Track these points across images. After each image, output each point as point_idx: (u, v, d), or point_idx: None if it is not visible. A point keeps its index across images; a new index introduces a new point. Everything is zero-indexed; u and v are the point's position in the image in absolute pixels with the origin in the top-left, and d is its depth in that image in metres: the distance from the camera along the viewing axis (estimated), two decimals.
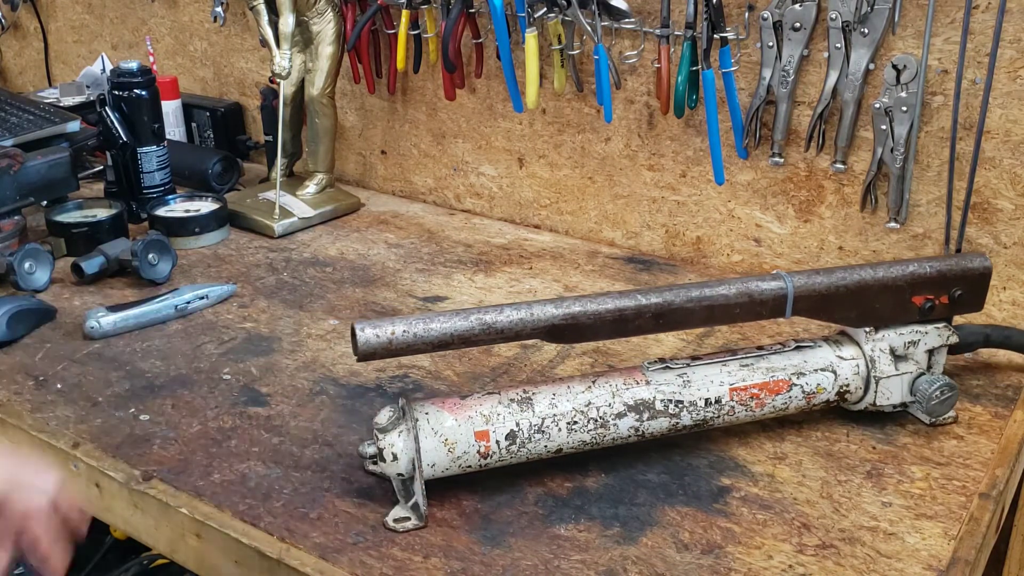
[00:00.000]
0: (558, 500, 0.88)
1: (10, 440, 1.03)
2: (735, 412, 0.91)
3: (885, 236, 1.24)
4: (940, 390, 0.94)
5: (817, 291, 0.91)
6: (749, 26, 1.23)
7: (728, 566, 0.80)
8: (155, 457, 0.95)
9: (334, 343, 1.16)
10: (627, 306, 0.86)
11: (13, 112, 1.61)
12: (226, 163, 1.65)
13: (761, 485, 0.90)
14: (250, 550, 0.83)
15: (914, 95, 1.14)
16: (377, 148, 1.69)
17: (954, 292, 0.95)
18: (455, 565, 0.80)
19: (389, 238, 1.49)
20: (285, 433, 0.98)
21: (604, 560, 0.81)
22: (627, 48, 1.33)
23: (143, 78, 1.48)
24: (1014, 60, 1.09)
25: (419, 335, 0.80)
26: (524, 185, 1.53)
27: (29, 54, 2.22)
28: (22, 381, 1.08)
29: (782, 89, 1.22)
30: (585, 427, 0.87)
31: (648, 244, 1.43)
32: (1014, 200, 1.14)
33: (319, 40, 1.50)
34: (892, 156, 1.17)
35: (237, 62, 1.81)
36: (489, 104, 1.51)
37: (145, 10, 1.91)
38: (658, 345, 1.15)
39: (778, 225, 1.31)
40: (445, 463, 0.84)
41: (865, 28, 1.14)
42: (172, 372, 1.10)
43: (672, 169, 1.37)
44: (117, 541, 1.69)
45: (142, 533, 0.93)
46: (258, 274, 1.36)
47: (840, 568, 0.80)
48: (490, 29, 1.41)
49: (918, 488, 0.89)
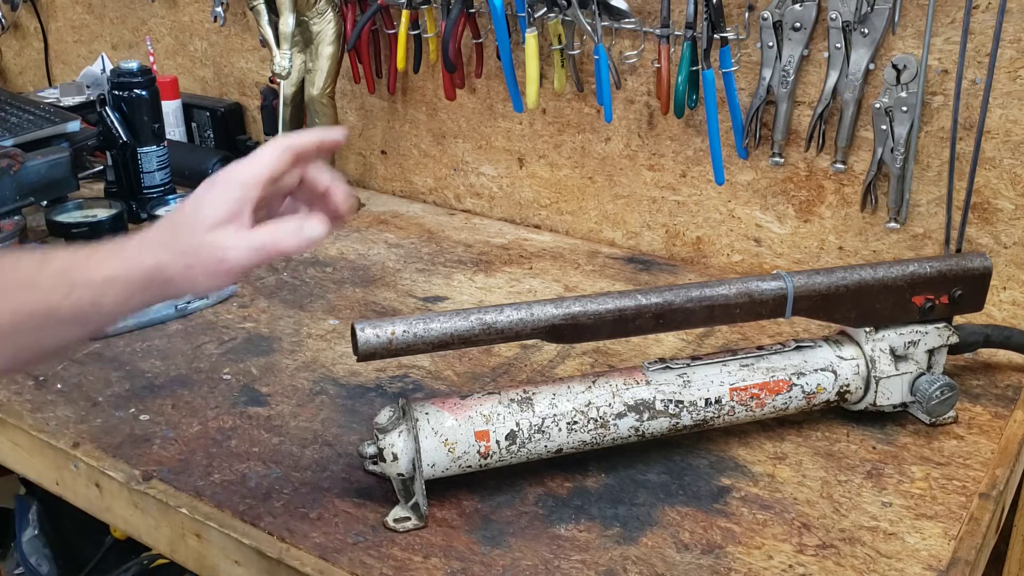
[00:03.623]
0: (558, 500, 0.88)
1: (10, 440, 1.03)
2: (735, 412, 0.91)
3: (885, 236, 1.24)
4: (940, 390, 0.94)
5: (817, 291, 0.91)
6: (749, 26, 1.23)
7: (728, 566, 0.80)
8: (155, 457, 0.95)
9: (334, 343, 1.16)
10: (627, 306, 0.86)
11: (13, 112, 1.61)
12: (226, 163, 1.62)
13: (761, 485, 0.90)
14: (250, 550, 0.83)
15: (914, 95, 1.14)
16: (377, 148, 1.69)
17: (954, 292, 0.95)
18: (455, 565, 0.80)
19: (389, 238, 1.49)
20: (285, 433, 0.98)
21: (604, 560, 0.81)
22: (627, 48, 1.33)
23: (143, 78, 1.48)
24: (1014, 60, 1.09)
25: (419, 335, 0.80)
26: (524, 185, 1.53)
27: (29, 54, 2.22)
28: (22, 381, 1.08)
29: (782, 89, 1.22)
30: (585, 427, 0.87)
31: (648, 244, 1.43)
32: (1014, 200, 1.14)
33: (319, 40, 1.50)
34: (892, 156, 1.17)
35: (237, 62, 1.81)
36: (489, 104, 1.51)
37: (145, 10, 1.91)
38: (658, 345, 1.15)
39: (778, 225, 1.31)
40: (445, 463, 0.84)
41: (865, 28, 1.14)
42: (172, 372, 1.10)
43: (672, 169, 1.37)
44: (117, 541, 1.69)
45: (142, 533, 0.93)
46: (258, 274, 1.36)
47: (840, 568, 0.80)
48: (490, 29, 1.41)
49: (918, 488, 0.89)
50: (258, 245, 0.71)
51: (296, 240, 0.72)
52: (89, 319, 0.70)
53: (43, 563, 1.73)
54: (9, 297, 0.68)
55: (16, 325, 0.68)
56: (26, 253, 0.71)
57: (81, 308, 0.69)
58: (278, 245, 0.71)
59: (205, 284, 0.71)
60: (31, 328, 0.69)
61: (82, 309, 0.69)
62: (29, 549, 1.73)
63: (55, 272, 0.69)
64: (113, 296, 0.69)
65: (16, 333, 0.69)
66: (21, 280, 0.69)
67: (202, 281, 0.70)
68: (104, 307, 0.70)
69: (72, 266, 0.69)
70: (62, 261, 0.70)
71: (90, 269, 0.69)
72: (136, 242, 0.72)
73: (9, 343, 0.69)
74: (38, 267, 0.69)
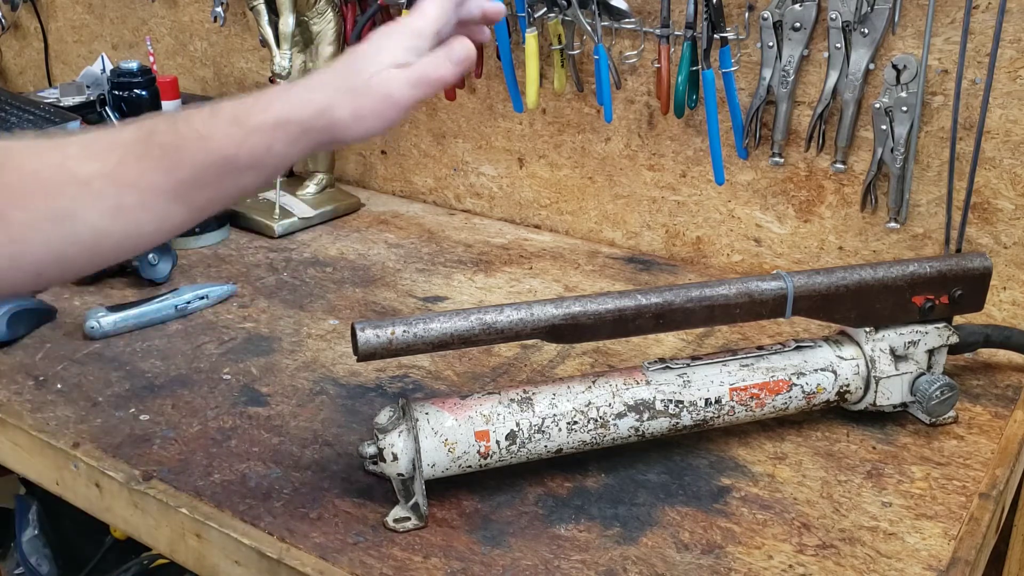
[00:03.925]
0: (558, 500, 0.88)
1: (10, 440, 1.03)
2: (735, 412, 0.91)
3: (885, 236, 1.24)
4: (940, 390, 0.94)
5: (817, 291, 0.91)
6: (749, 26, 1.23)
7: (728, 566, 0.80)
8: (155, 457, 0.95)
9: (334, 343, 1.16)
10: (627, 306, 0.86)
11: (13, 112, 1.61)
12: None
13: (761, 485, 0.90)
14: (250, 550, 0.83)
15: (914, 95, 1.14)
16: (377, 148, 1.69)
17: (954, 292, 0.95)
18: (455, 565, 0.80)
19: (389, 238, 1.49)
20: (285, 433, 0.98)
21: (604, 560, 0.81)
22: (627, 48, 1.33)
23: (143, 78, 1.48)
24: (1014, 60, 1.09)
25: (419, 335, 0.80)
26: (524, 185, 1.53)
27: (29, 54, 2.22)
28: (22, 381, 1.08)
29: (782, 89, 1.22)
30: (585, 427, 0.87)
31: (648, 244, 1.43)
32: (1014, 200, 1.14)
33: (319, 40, 1.50)
34: (892, 156, 1.17)
35: (237, 62, 1.81)
36: (489, 104, 1.51)
37: (145, 10, 1.91)
38: (658, 345, 1.15)
39: (778, 225, 1.31)
40: (445, 463, 0.84)
41: (865, 28, 1.14)
42: (172, 372, 1.10)
43: (672, 169, 1.37)
44: (117, 541, 1.69)
45: (142, 533, 0.93)
46: (258, 274, 1.36)
47: (840, 568, 0.80)
48: (490, 29, 1.41)
49: (918, 488, 0.89)
50: (416, 78, 0.73)
51: (449, 65, 0.74)
52: (264, 164, 0.72)
53: (43, 563, 1.73)
54: (188, 151, 0.69)
55: (198, 179, 0.70)
56: (195, 107, 0.72)
57: (256, 154, 0.70)
58: (434, 73, 0.74)
59: (372, 123, 0.73)
60: (211, 179, 0.71)
61: (257, 155, 0.70)
62: (29, 549, 1.73)
63: (227, 120, 0.70)
64: (284, 139, 0.71)
65: (200, 187, 0.71)
66: (196, 132, 0.70)
67: (369, 120, 0.72)
68: (276, 151, 0.71)
69: (242, 112, 0.71)
70: (232, 108, 0.71)
71: (259, 113, 0.71)
72: (304, 84, 0.73)
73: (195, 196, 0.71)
74: (210, 118, 0.70)
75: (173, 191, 0.70)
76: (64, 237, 0.69)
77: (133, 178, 0.69)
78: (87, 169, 0.69)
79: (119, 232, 0.70)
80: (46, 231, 0.69)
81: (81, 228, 0.69)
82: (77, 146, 0.70)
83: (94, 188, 0.69)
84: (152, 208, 0.70)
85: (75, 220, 0.69)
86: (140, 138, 0.70)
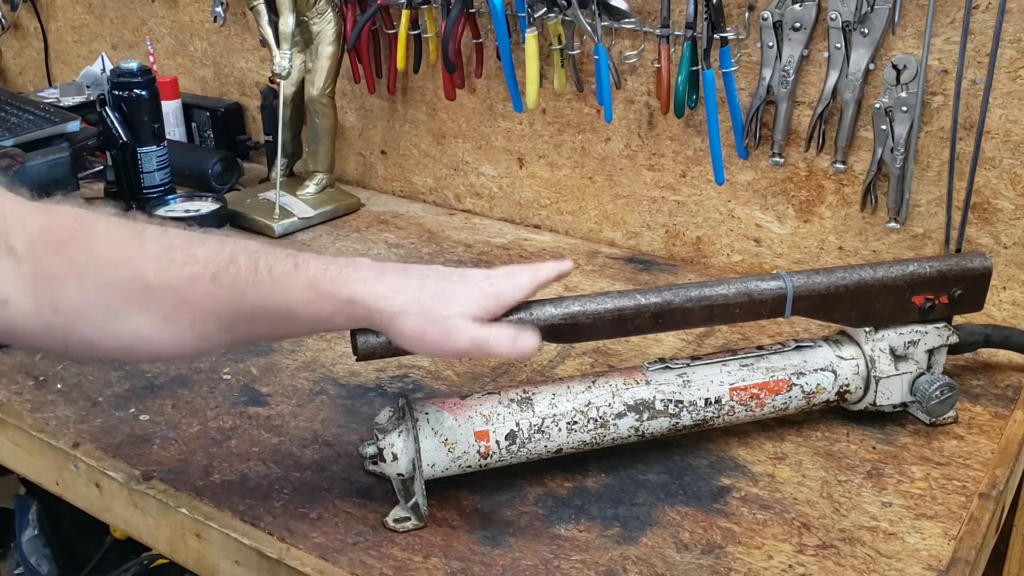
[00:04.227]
0: (558, 500, 0.88)
1: (10, 440, 1.03)
2: (735, 412, 0.91)
3: (885, 236, 1.24)
4: (940, 390, 0.94)
5: (817, 291, 0.91)
6: (749, 26, 1.23)
7: (728, 566, 0.80)
8: (155, 457, 0.95)
9: (334, 343, 1.16)
10: (627, 306, 0.86)
11: (13, 112, 1.61)
12: (226, 163, 1.65)
13: (761, 485, 0.90)
14: (250, 550, 0.83)
15: (914, 95, 1.14)
16: (377, 148, 1.69)
17: (954, 292, 0.95)
18: (455, 565, 0.80)
19: (389, 238, 1.49)
20: (285, 433, 0.98)
21: (604, 560, 0.81)
22: (627, 48, 1.33)
23: (143, 78, 1.48)
24: (1014, 60, 1.09)
25: None
26: (524, 185, 1.53)
27: (29, 54, 2.22)
28: (22, 381, 1.08)
29: (782, 89, 1.22)
30: (585, 427, 0.87)
31: (648, 244, 1.43)
32: (1014, 200, 1.14)
33: (319, 40, 1.50)
34: (892, 156, 1.17)
35: (237, 62, 1.81)
36: (489, 104, 1.51)
37: (145, 10, 1.91)
38: (658, 345, 1.15)
39: (778, 225, 1.31)
40: (445, 463, 0.84)
41: (865, 28, 1.14)
42: (172, 372, 1.10)
43: (672, 169, 1.37)
44: (117, 541, 1.69)
45: (142, 533, 0.93)
46: None
47: (840, 568, 0.80)
48: (490, 29, 1.41)
49: (918, 488, 0.89)
50: (480, 341, 0.76)
51: (509, 349, 0.77)
52: (319, 326, 0.76)
53: (43, 563, 1.73)
54: (258, 293, 0.72)
55: (255, 317, 0.74)
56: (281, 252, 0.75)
57: (318, 318, 0.74)
58: (495, 347, 0.77)
59: (422, 348, 0.77)
60: (266, 321, 0.74)
61: (318, 319, 0.75)
62: (29, 549, 1.73)
63: (305, 282, 0.73)
64: (348, 315, 0.75)
65: (253, 323, 0.74)
66: (274, 280, 0.73)
67: (424, 345, 0.76)
68: (336, 322, 0.75)
69: (323, 280, 0.74)
70: (316, 271, 0.74)
71: (338, 286, 0.74)
72: (391, 280, 0.76)
73: (244, 329, 0.75)
74: (293, 270, 0.74)
75: (228, 321, 0.73)
76: (105, 329, 0.71)
77: (195, 299, 0.71)
78: (158, 279, 0.71)
79: (161, 342, 0.72)
80: (92, 318, 0.70)
81: (127, 328, 0.71)
82: (156, 247, 0.72)
83: (156, 297, 0.71)
84: (200, 330, 0.73)
85: (124, 319, 0.70)
86: (219, 262, 0.72)
